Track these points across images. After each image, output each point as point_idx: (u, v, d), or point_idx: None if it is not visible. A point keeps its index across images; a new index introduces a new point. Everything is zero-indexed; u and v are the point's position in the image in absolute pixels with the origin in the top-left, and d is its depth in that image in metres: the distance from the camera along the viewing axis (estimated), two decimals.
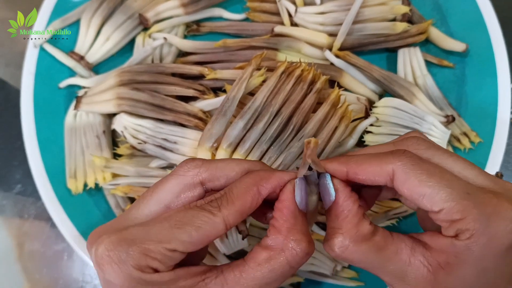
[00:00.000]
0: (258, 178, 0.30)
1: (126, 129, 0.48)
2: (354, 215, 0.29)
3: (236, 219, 0.29)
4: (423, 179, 0.27)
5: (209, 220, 0.28)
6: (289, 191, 0.30)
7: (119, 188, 0.48)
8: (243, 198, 0.29)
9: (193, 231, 0.27)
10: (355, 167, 0.29)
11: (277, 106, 0.42)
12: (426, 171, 0.27)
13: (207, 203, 0.29)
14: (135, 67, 0.50)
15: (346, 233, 0.28)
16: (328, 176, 0.30)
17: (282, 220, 0.29)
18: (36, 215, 0.56)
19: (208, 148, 0.42)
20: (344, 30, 0.49)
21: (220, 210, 0.28)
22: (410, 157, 0.28)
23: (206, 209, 0.28)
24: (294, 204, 0.29)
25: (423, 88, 0.49)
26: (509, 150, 0.50)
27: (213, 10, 0.55)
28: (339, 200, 0.29)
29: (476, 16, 0.51)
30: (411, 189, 0.27)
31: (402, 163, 0.27)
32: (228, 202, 0.29)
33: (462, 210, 0.26)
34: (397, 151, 0.29)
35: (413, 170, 0.27)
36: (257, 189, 0.29)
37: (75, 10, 0.55)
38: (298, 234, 0.28)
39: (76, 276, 0.54)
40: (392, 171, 0.28)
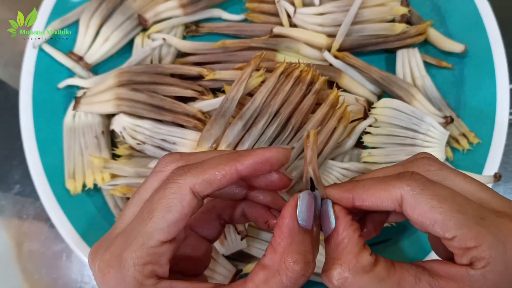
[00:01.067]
0: (236, 154, 0.29)
1: (125, 129, 0.48)
2: (354, 245, 0.27)
3: (204, 188, 0.27)
4: (434, 205, 0.25)
5: (177, 195, 0.27)
6: (291, 206, 0.28)
7: (118, 188, 0.47)
8: (215, 168, 0.27)
9: (165, 214, 0.26)
10: (361, 193, 0.28)
11: (276, 107, 0.42)
12: (437, 196, 0.26)
13: (174, 172, 0.28)
14: (134, 67, 0.50)
15: (345, 264, 0.27)
16: (330, 203, 0.29)
17: (279, 238, 0.27)
18: (35, 215, 0.56)
19: (207, 148, 0.42)
20: (343, 31, 0.49)
21: (187, 178, 0.27)
22: (418, 180, 0.27)
23: (171, 180, 0.27)
24: (294, 221, 0.28)
25: (422, 89, 0.50)
26: (507, 151, 0.50)
27: (212, 11, 0.55)
28: (339, 229, 0.28)
29: (474, 17, 0.51)
30: (421, 215, 0.26)
31: (411, 187, 0.26)
32: (197, 170, 0.27)
33: (476, 237, 0.24)
34: (405, 174, 0.27)
35: (422, 194, 0.26)
36: (234, 164, 0.28)
37: (74, 11, 0.55)
38: (295, 254, 0.26)
39: (74, 277, 0.54)
40: (400, 196, 0.26)
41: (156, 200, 0.27)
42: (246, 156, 0.28)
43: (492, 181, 0.45)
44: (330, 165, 0.45)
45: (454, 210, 0.25)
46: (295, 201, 0.28)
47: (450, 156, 0.48)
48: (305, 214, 0.28)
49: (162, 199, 0.27)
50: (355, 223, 0.28)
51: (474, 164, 0.47)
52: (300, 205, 0.28)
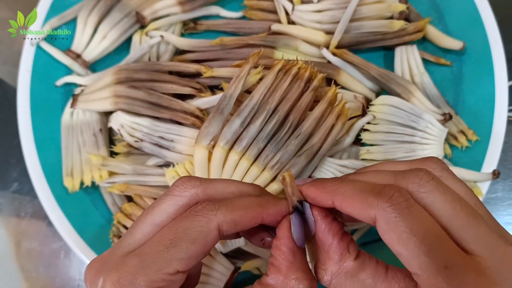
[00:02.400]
0: (265, 201, 0.29)
1: (122, 127, 0.48)
2: (335, 251, 0.27)
3: (230, 229, 0.28)
4: (403, 238, 0.24)
5: (204, 229, 0.27)
6: (286, 228, 0.28)
7: (116, 186, 0.47)
8: (244, 211, 0.28)
9: (189, 245, 0.27)
10: (340, 200, 0.27)
11: (274, 104, 0.42)
12: (408, 229, 0.24)
13: (204, 206, 0.28)
14: (132, 65, 0.50)
15: (327, 269, 0.27)
16: (307, 206, 0.29)
17: (281, 258, 0.28)
18: (33, 213, 0.56)
19: (205, 146, 0.42)
20: (341, 28, 0.49)
21: (216, 215, 0.27)
22: (396, 205, 0.25)
23: (201, 214, 0.28)
24: (291, 241, 0.28)
25: (420, 86, 0.49)
26: (506, 148, 0.50)
27: (210, 8, 0.55)
28: (319, 233, 0.28)
29: (473, 14, 0.51)
30: (390, 242, 0.25)
31: (385, 212, 0.25)
32: (228, 208, 0.28)
33: (434, 285, 0.23)
34: (385, 193, 0.25)
35: (394, 223, 0.24)
36: (261, 211, 0.28)
37: (72, 8, 0.54)
38: (299, 272, 0.27)
39: (73, 275, 0.54)
40: (374, 216, 0.25)
41: (182, 229, 0.27)
42: (274, 205, 0.29)
43: (491, 178, 0.45)
44: (328, 162, 0.45)
45: (421, 251, 0.24)
46: (288, 222, 0.29)
47: (448, 153, 0.48)
48: (299, 233, 0.29)
49: (188, 230, 0.27)
50: (335, 225, 0.28)
51: (473, 161, 0.47)
52: (293, 226, 0.29)
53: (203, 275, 0.44)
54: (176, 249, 0.26)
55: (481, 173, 0.46)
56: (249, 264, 0.46)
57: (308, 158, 0.42)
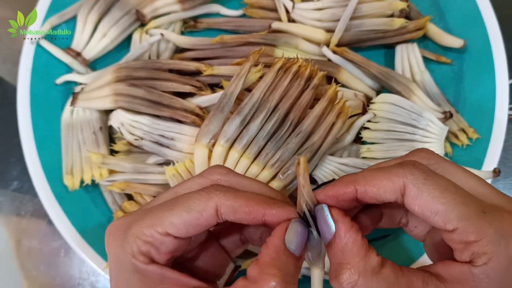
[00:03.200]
0: (272, 201, 0.29)
1: (123, 125, 0.47)
2: (360, 247, 0.27)
3: (228, 213, 0.28)
4: (436, 195, 0.25)
5: (202, 203, 0.28)
6: (281, 229, 0.28)
7: (116, 184, 0.47)
8: (246, 201, 0.28)
9: (183, 212, 0.27)
10: (363, 184, 0.27)
11: (274, 102, 0.42)
12: (440, 186, 0.25)
13: (212, 185, 0.29)
14: (132, 63, 0.50)
15: (353, 267, 0.26)
16: (325, 207, 0.28)
17: (264, 253, 0.28)
18: (33, 212, 0.56)
19: (205, 144, 0.42)
20: (342, 26, 0.49)
21: (218, 195, 0.28)
22: (421, 169, 0.26)
23: (205, 191, 0.28)
24: (281, 241, 0.28)
25: (421, 84, 0.49)
26: (507, 147, 0.50)
27: (210, 6, 0.55)
28: (341, 232, 0.27)
29: (474, 12, 0.51)
30: (423, 205, 0.25)
31: (414, 176, 0.26)
32: (231, 194, 0.28)
33: (478, 231, 0.24)
34: (407, 162, 0.27)
35: (425, 184, 0.25)
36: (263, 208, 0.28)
37: (72, 6, 0.54)
38: (274, 269, 0.26)
39: (73, 273, 0.54)
40: (403, 185, 0.26)
41: (184, 198, 0.28)
42: (278, 207, 0.29)
43: (491, 177, 0.45)
44: (329, 161, 0.44)
45: (457, 201, 0.25)
46: (286, 224, 0.28)
47: (449, 151, 0.48)
48: (294, 240, 0.28)
49: (188, 199, 0.28)
50: (355, 224, 0.28)
51: (474, 159, 0.47)
52: (290, 230, 0.28)
53: None
54: (171, 212, 0.28)
55: (482, 171, 0.46)
56: (249, 262, 0.46)
57: (308, 156, 0.42)
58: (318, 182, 0.45)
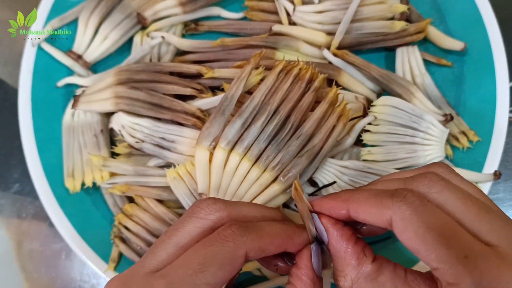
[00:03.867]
0: (291, 230, 0.29)
1: (124, 128, 0.48)
2: (351, 256, 0.27)
3: (256, 255, 0.28)
4: (420, 233, 0.24)
5: (232, 255, 0.27)
6: (307, 258, 0.29)
7: (117, 187, 0.47)
8: (272, 238, 0.28)
9: (217, 271, 0.26)
10: (355, 206, 0.27)
11: (275, 105, 0.42)
12: (425, 224, 0.25)
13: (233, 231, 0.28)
14: (133, 66, 0.50)
15: (347, 275, 0.27)
16: (316, 217, 0.29)
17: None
18: (34, 214, 0.56)
19: (206, 146, 0.42)
20: (342, 29, 0.49)
21: (246, 241, 0.27)
22: (410, 203, 0.25)
23: (230, 240, 0.27)
24: (313, 271, 0.28)
25: (422, 87, 0.49)
26: (507, 149, 0.50)
27: (211, 9, 0.55)
28: (332, 240, 0.28)
29: (474, 15, 0.51)
30: (407, 240, 0.25)
31: (400, 210, 0.25)
32: (257, 235, 0.28)
33: (456, 276, 0.23)
34: (399, 193, 0.26)
35: (410, 220, 0.25)
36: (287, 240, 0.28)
37: (73, 9, 0.55)
38: None
39: (74, 275, 0.54)
40: (390, 217, 0.26)
41: (211, 254, 0.27)
42: (299, 236, 0.29)
43: (492, 179, 0.45)
44: (330, 163, 0.45)
45: (439, 243, 0.24)
46: (309, 252, 0.29)
47: (450, 154, 0.48)
48: (318, 263, 0.29)
49: (217, 255, 0.27)
50: (347, 231, 0.28)
51: (474, 162, 0.47)
52: (314, 255, 0.29)
53: None
54: (205, 274, 0.26)
55: (483, 174, 0.46)
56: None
57: (309, 159, 0.42)
58: (319, 184, 0.45)
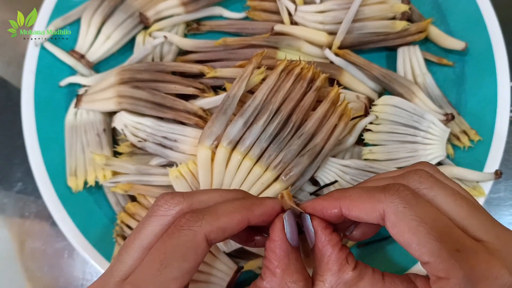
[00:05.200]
0: (249, 203, 0.29)
1: (126, 127, 0.48)
2: (333, 262, 0.27)
3: (218, 237, 0.27)
4: (413, 226, 0.25)
5: (192, 243, 0.26)
6: (279, 229, 0.28)
7: (120, 186, 0.48)
8: (229, 216, 0.28)
9: (181, 263, 0.26)
10: (348, 203, 0.27)
11: (277, 104, 0.42)
12: (418, 218, 0.25)
13: (187, 219, 0.27)
14: (135, 65, 0.50)
15: (326, 280, 0.27)
16: (308, 218, 0.29)
17: (276, 261, 0.27)
18: (37, 213, 0.57)
19: (208, 146, 0.42)
20: (344, 29, 0.49)
21: (202, 225, 0.27)
22: (403, 197, 0.26)
23: (186, 228, 0.27)
24: (286, 243, 0.28)
25: (423, 87, 0.50)
26: (508, 148, 0.50)
27: (213, 9, 0.55)
28: (318, 244, 0.28)
29: (475, 15, 0.51)
30: (399, 234, 0.25)
31: (393, 204, 0.25)
32: (212, 216, 0.27)
33: (447, 270, 0.24)
34: (391, 187, 0.26)
35: (404, 214, 0.25)
36: (246, 214, 0.28)
37: (75, 9, 0.55)
38: (294, 274, 0.27)
39: (76, 274, 0.54)
40: (383, 210, 0.26)
41: (170, 248, 0.26)
42: (259, 206, 0.29)
43: (493, 178, 0.45)
44: (331, 162, 0.45)
45: (432, 236, 0.24)
46: (281, 223, 0.28)
47: (451, 153, 0.48)
48: (293, 233, 0.28)
49: (177, 247, 0.26)
50: (335, 236, 0.28)
51: (475, 161, 0.47)
52: (287, 226, 0.28)
53: (206, 274, 0.44)
54: (169, 269, 0.26)
55: (484, 173, 0.46)
56: (252, 263, 0.46)
57: (310, 158, 0.42)
58: (320, 184, 0.45)
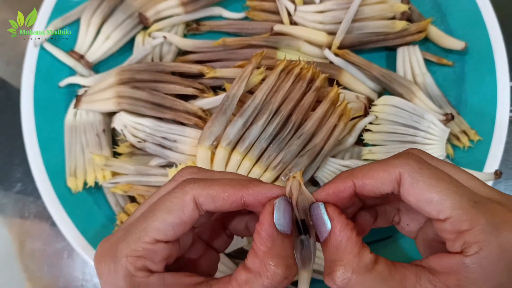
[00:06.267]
0: (246, 182, 0.29)
1: (125, 127, 0.48)
2: (354, 245, 0.27)
3: (207, 202, 0.28)
4: (432, 184, 0.25)
5: (179, 200, 0.28)
6: (268, 213, 0.28)
7: (119, 186, 0.48)
8: (222, 187, 0.28)
9: (165, 215, 0.27)
10: (361, 177, 0.28)
11: (276, 104, 0.42)
12: (435, 176, 0.26)
13: (184, 181, 0.29)
14: (135, 65, 0.50)
15: (347, 264, 0.26)
16: (322, 205, 0.28)
17: (259, 243, 0.27)
18: (37, 213, 0.56)
19: (208, 146, 0.42)
20: (344, 29, 0.49)
21: (193, 188, 0.28)
22: (417, 160, 0.27)
23: (179, 187, 0.28)
24: (272, 227, 0.28)
25: (423, 87, 0.50)
26: (508, 148, 0.50)
27: (212, 9, 0.55)
28: (336, 230, 0.27)
29: (475, 15, 0.51)
30: (418, 194, 0.26)
31: (409, 166, 0.26)
32: (206, 183, 0.28)
33: (471, 219, 0.24)
34: (403, 154, 0.28)
35: (420, 174, 0.26)
36: (240, 189, 0.28)
37: (75, 9, 0.55)
38: (275, 258, 0.27)
39: (76, 275, 0.54)
40: (399, 174, 0.26)
41: (160, 201, 0.28)
42: (255, 186, 0.29)
43: (493, 178, 0.45)
44: (331, 162, 0.45)
45: (451, 191, 0.25)
46: (271, 207, 0.28)
47: (450, 153, 0.48)
48: (282, 219, 0.28)
49: (165, 201, 0.28)
50: (350, 222, 0.28)
51: (475, 161, 0.47)
52: (277, 211, 0.28)
53: None
54: (153, 218, 0.27)
55: (483, 173, 0.46)
56: None
57: (310, 158, 0.42)
58: (320, 184, 0.45)
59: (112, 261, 0.27)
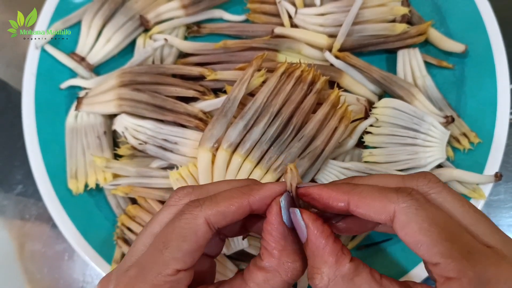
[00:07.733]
0: (248, 189, 0.29)
1: (126, 129, 0.48)
2: (329, 253, 0.27)
3: (218, 220, 0.28)
4: (424, 227, 0.25)
5: (192, 225, 0.27)
6: (276, 212, 0.28)
7: (120, 188, 0.48)
8: (228, 201, 0.28)
9: (181, 243, 0.27)
10: (357, 199, 0.28)
11: (277, 107, 0.42)
12: (429, 219, 0.25)
13: (189, 205, 0.29)
14: (136, 68, 0.50)
15: (324, 273, 0.27)
16: (297, 211, 0.29)
17: (273, 243, 0.28)
18: (37, 215, 0.57)
19: (209, 148, 0.42)
20: (344, 31, 0.49)
21: (201, 210, 0.28)
22: (416, 199, 0.26)
23: (186, 212, 0.28)
24: (282, 225, 0.28)
25: (423, 89, 0.50)
26: (508, 151, 0.50)
27: (213, 11, 0.55)
28: (311, 238, 0.28)
29: (475, 17, 0.51)
30: (409, 234, 0.25)
31: (406, 205, 0.26)
32: (212, 201, 0.28)
33: (459, 270, 0.24)
34: (403, 190, 0.27)
35: (415, 215, 0.25)
36: (246, 198, 0.29)
37: (76, 12, 0.55)
38: (291, 255, 0.28)
39: (77, 276, 0.54)
40: (393, 211, 0.26)
41: (171, 230, 0.28)
42: (258, 190, 0.29)
43: (493, 181, 0.45)
44: (331, 165, 0.45)
45: (443, 237, 0.25)
46: (278, 206, 0.28)
47: (451, 155, 0.48)
48: (287, 216, 0.29)
49: (177, 229, 0.28)
50: (326, 228, 0.28)
51: (475, 163, 0.47)
52: (284, 209, 0.29)
53: None
54: (169, 249, 0.27)
55: (484, 175, 0.46)
56: None
57: (311, 160, 0.42)
58: None
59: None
